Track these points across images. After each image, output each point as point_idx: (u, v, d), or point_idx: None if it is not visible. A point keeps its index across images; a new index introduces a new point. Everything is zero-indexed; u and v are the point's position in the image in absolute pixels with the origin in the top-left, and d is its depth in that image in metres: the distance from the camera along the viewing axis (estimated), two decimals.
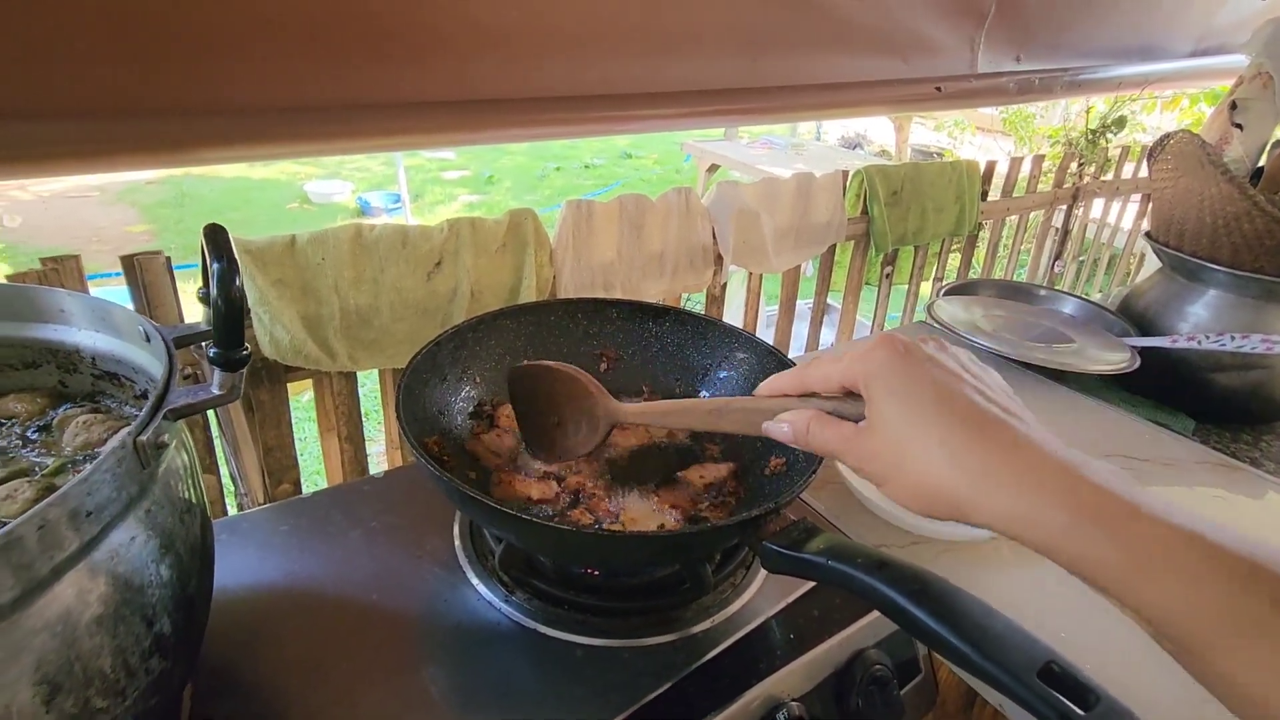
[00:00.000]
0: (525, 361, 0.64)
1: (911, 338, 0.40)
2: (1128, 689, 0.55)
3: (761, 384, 0.46)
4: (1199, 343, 0.98)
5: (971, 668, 0.38)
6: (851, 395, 0.41)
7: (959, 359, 0.39)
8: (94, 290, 0.82)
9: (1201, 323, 1.03)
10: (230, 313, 0.39)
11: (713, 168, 4.47)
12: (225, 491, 1.06)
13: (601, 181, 6.50)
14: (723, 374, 0.76)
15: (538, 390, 0.61)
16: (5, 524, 0.30)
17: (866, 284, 1.80)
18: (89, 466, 0.33)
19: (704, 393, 0.76)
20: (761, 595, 0.63)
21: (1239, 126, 1.11)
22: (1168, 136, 1.03)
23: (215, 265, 0.38)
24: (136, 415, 0.52)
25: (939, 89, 1.32)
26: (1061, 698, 0.36)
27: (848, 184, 1.62)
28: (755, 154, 4.55)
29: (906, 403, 0.36)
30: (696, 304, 1.83)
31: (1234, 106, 1.19)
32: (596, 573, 0.62)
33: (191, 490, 0.44)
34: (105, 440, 0.49)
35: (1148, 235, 1.11)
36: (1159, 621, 0.31)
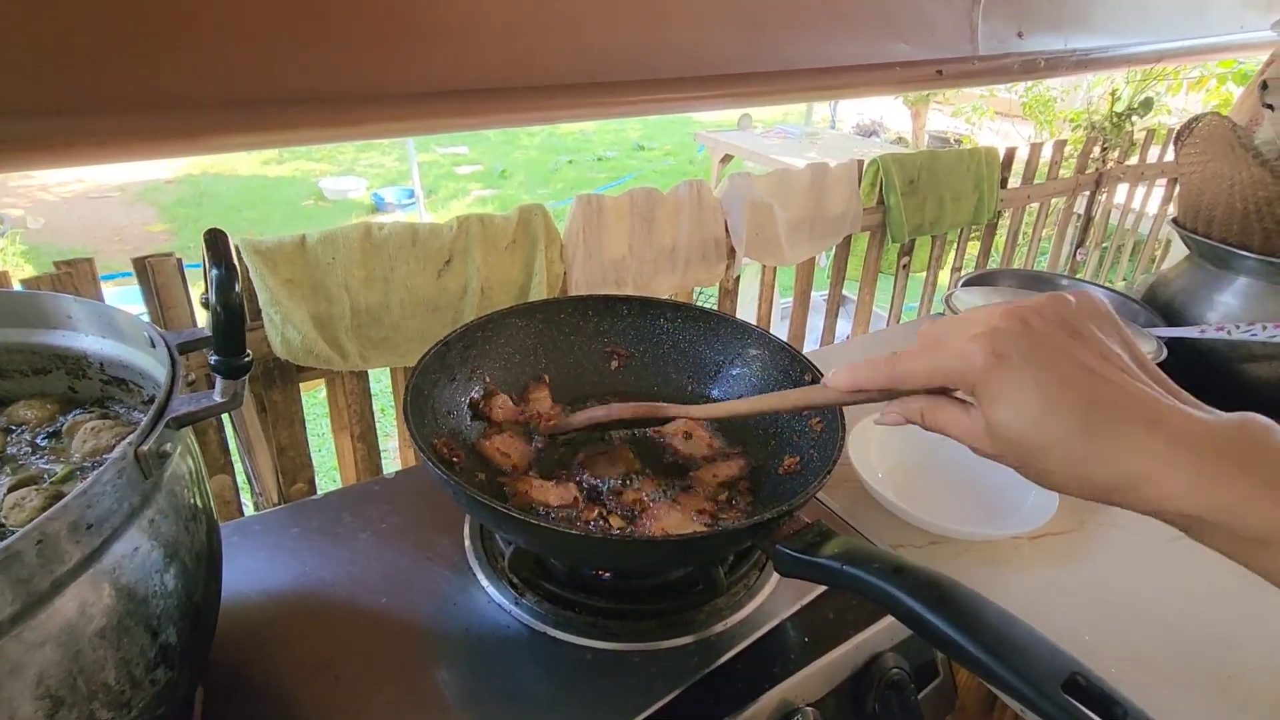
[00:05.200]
0: (565, 424, 0.67)
1: (1009, 323, 0.35)
2: (1157, 699, 0.54)
3: (838, 376, 0.43)
4: (1229, 333, 0.95)
5: (992, 678, 0.37)
6: (946, 392, 0.38)
7: (1068, 323, 0.35)
8: (113, 290, 0.83)
9: (1231, 312, 1.00)
10: (230, 319, 0.38)
11: (726, 158, 4.43)
12: (241, 490, 1.07)
13: (614, 174, 6.47)
14: (735, 371, 0.74)
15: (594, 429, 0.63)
16: (14, 533, 0.29)
17: (883, 274, 1.77)
18: (88, 478, 0.33)
19: (715, 391, 0.75)
20: (776, 597, 0.62)
21: (1270, 107, 1.07)
22: (1196, 119, 1.00)
23: (214, 272, 0.38)
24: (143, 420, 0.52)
25: (940, 71, 1.29)
26: (1087, 710, 0.34)
27: (863, 173, 1.60)
28: (769, 143, 4.51)
29: (1020, 410, 0.34)
30: (709, 298, 1.81)
31: (1264, 87, 1.15)
32: (607, 575, 0.61)
33: (197, 496, 0.44)
34: (114, 446, 0.48)
35: (1174, 221, 1.07)
36: None
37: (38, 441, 0.49)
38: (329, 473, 2.07)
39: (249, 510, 1.11)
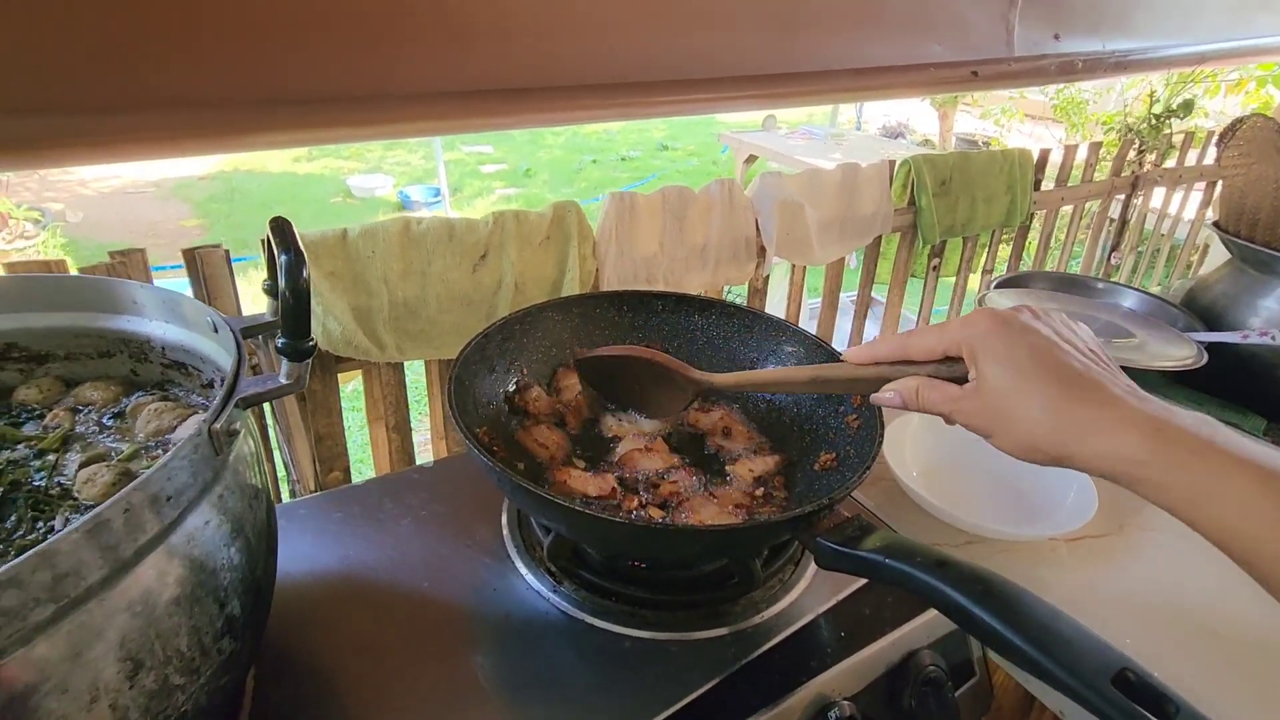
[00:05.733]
0: (588, 352, 0.64)
1: (1009, 309, 0.44)
2: (1203, 700, 0.53)
3: (853, 351, 0.49)
4: (1273, 338, 0.93)
5: (1039, 672, 0.37)
6: (950, 361, 0.44)
7: (1053, 324, 0.43)
8: (155, 281, 0.86)
9: (1275, 317, 0.98)
10: (298, 303, 0.40)
11: (750, 158, 4.42)
12: (279, 479, 1.09)
13: (638, 174, 6.48)
14: (769, 367, 0.75)
15: (613, 376, 0.61)
16: (92, 507, 0.31)
17: (912, 276, 1.76)
18: (168, 453, 0.35)
19: None
20: (811, 592, 0.62)
21: None
22: (1240, 120, 0.98)
23: (283, 257, 0.39)
24: (203, 403, 0.54)
25: (975, 73, 1.28)
26: (1138, 707, 0.34)
27: (894, 174, 1.59)
28: (794, 144, 4.49)
29: (1009, 367, 0.41)
30: (738, 296, 1.81)
31: None
32: (644, 565, 0.62)
33: (258, 476, 0.45)
34: (174, 427, 0.50)
35: (1216, 225, 1.06)
36: (1234, 548, 0.35)
37: (104, 421, 0.51)
38: (359, 464, 2.10)
39: (285, 498, 1.14)
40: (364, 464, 1.73)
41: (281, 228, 0.41)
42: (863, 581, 0.62)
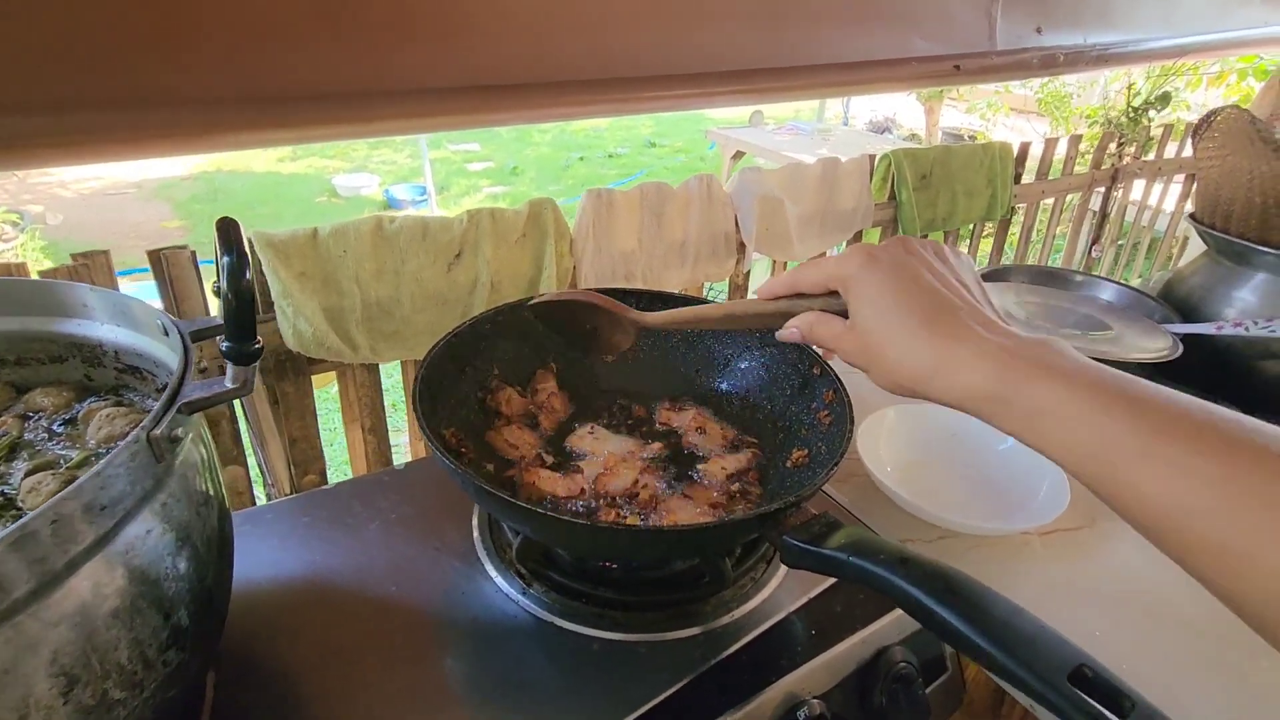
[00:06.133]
0: (541, 296, 0.64)
1: (884, 244, 0.44)
2: (1165, 693, 0.53)
3: (760, 287, 0.51)
4: (1246, 329, 0.93)
5: (998, 670, 0.37)
6: (835, 295, 0.45)
7: (926, 257, 0.44)
8: (128, 284, 0.84)
9: (1249, 308, 0.98)
10: (241, 306, 0.39)
11: (738, 154, 4.42)
12: (254, 482, 1.08)
13: (625, 171, 6.47)
14: (744, 364, 0.74)
15: (566, 320, 0.61)
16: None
17: None
18: (103, 460, 0.34)
19: (723, 384, 0.75)
20: (782, 590, 0.61)
21: None
22: (1215, 113, 0.99)
23: (225, 259, 0.38)
24: None
25: (957, 67, 1.28)
26: (1094, 703, 0.34)
27: (875, 168, 1.59)
28: (781, 140, 4.49)
29: (875, 303, 0.42)
30: (719, 293, 1.81)
31: None
32: (614, 566, 0.62)
33: (209, 483, 0.44)
34: (127, 433, 0.49)
35: (1191, 217, 1.06)
36: (1070, 462, 0.37)
37: (54, 428, 0.50)
38: (340, 466, 2.09)
39: (261, 501, 1.12)
40: (346, 466, 1.71)
41: (225, 228, 0.40)
42: (834, 579, 0.62)
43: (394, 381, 2.45)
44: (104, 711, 0.34)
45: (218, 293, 0.48)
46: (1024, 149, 1.84)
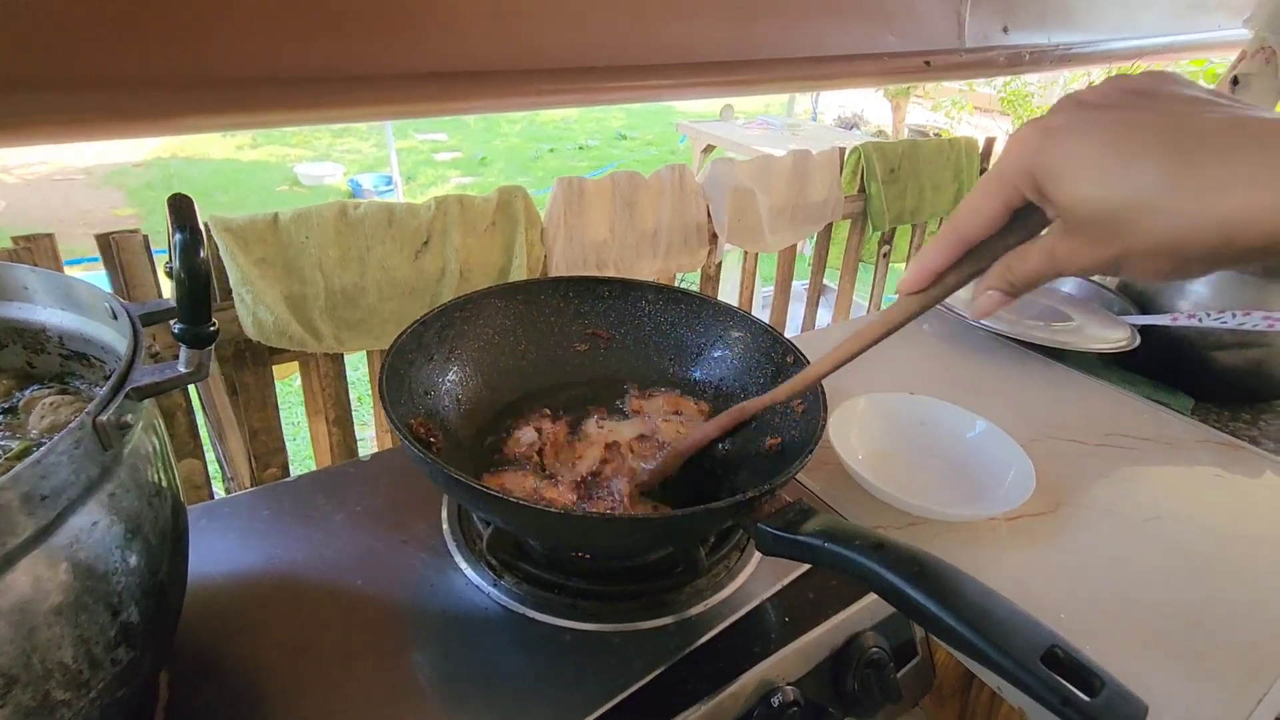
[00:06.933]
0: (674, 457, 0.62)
1: (1058, 106, 0.33)
2: (1132, 673, 0.55)
3: (905, 280, 0.40)
4: (1200, 320, 0.96)
5: (972, 652, 0.37)
6: (1019, 214, 0.34)
7: (1115, 93, 0.32)
8: (79, 274, 0.80)
9: (1202, 300, 1.02)
10: (195, 286, 0.37)
11: (708, 148, 4.42)
12: (212, 477, 1.04)
13: (596, 163, 6.43)
14: (717, 353, 0.74)
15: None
16: None
17: (863, 262, 1.78)
18: (44, 447, 0.32)
19: (697, 373, 0.74)
20: (756, 578, 0.61)
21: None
22: None
23: (178, 236, 0.36)
24: None
25: (928, 63, 1.30)
26: (1066, 683, 0.34)
27: (844, 161, 1.60)
28: (751, 134, 4.50)
29: (1097, 165, 0.29)
30: (691, 283, 1.80)
31: (1235, 82, 1.17)
32: (587, 556, 0.61)
33: (162, 474, 0.42)
34: (72, 421, 0.47)
35: None
36: None
37: None
38: (303, 461, 2.04)
39: (220, 495, 1.08)
40: (309, 461, 1.67)
41: (178, 204, 0.37)
42: (807, 566, 0.62)
43: (360, 375, 2.40)
44: (46, 713, 0.32)
45: (170, 274, 0.46)
46: (989, 144, 1.88)
